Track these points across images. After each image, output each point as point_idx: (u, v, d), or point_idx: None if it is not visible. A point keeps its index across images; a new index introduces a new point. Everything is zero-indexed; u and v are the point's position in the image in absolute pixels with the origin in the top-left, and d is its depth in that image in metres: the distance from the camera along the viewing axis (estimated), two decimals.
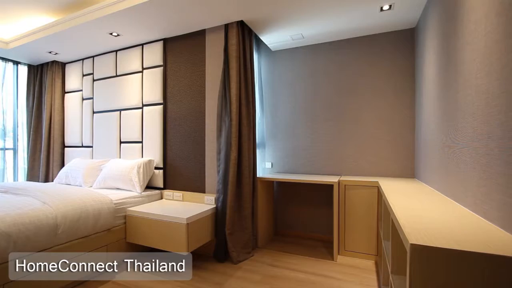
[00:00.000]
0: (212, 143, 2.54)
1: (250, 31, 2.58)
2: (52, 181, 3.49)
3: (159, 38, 2.82)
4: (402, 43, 2.57)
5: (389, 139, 2.62)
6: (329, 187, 2.73)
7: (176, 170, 2.75)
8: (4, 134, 3.62)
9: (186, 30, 2.63)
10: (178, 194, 2.68)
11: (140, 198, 2.56)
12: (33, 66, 3.71)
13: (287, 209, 3.06)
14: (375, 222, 2.36)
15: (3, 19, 2.75)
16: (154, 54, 2.85)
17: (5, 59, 3.50)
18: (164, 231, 2.16)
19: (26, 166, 3.65)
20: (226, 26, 2.45)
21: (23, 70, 3.70)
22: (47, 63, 3.61)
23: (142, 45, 2.95)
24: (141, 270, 2.21)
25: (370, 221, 2.38)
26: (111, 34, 2.72)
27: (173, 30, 2.63)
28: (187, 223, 2.08)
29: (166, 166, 2.81)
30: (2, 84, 3.54)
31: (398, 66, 2.58)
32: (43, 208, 1.90)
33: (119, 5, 2.29)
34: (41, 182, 3.41)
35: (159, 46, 2.83)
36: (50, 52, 3.28)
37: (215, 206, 2.44)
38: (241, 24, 2.44)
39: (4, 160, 3.60)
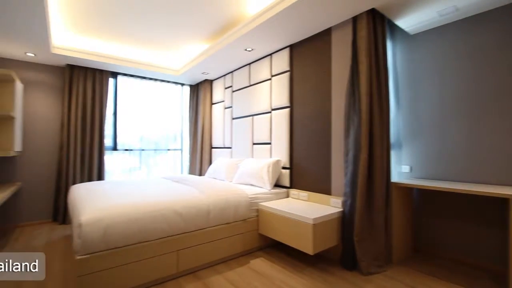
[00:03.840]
0: (339, 144, 2.44)
1: (382, 18, 2.31)
2: (204, 175, 4.37)
3: (285, 45, 3.00)
4: None
5: None
6: (500, 201, 2.04)
7: (301, 170, 2.82)
8: (175, 139, 4.87)
9: (311, 32, 2.67)
10: (303, 194, 2.74)
11: (270, 195, 2.78)
12: (192, 85, 4.80)
13: (433, 223, 2.51)
14: None
15: (174, 53, 3.70)
16: (281, 61, 3.06)
17: (176, 83, 4.70)
18: (291, 229, 2.25)
19: (188, 163, 4.74)
20: (354, 19, 2.30)
21: (186, 90, 4.85)
22: (201, 82, 4.58)
23: (270, 54, 3.23)
24: (271, 261, 2.40)
25: None
26: (245, 50, 3.13)
27: (299, 35, 2.73)
28: (314, 224, 2.08)
29: (292, 166, 2.93)
30: (180, 102, 4.79)
31: None
32: (200, 196, 2.39)
33: (252, 23, 2.60)
34: (197, 175, 4.33)
35: (285, 53, 3.00)
36: (203, 73, 4.14)
37: (342, 209, 2.33)
38: (372, 13, 2.22)
39: (177, 158, 4.85)
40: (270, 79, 3.24)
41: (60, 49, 3.31)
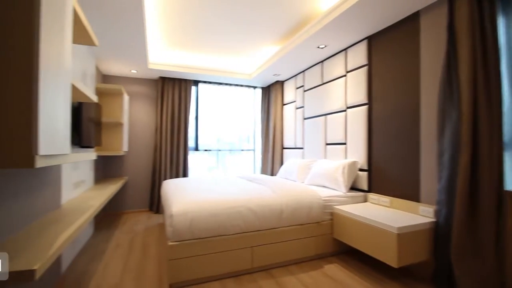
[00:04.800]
0: (430, 144, 2.11)
1: None
2: (275, 175, 4.43)
3: (362, 38, 2.77)
4: None
5: None
6: None
7: (382, 173, 2.55)
8: (248, 140, 5.09)
9: (393, 20, 2.40)
10: (385, 199, 2.48)
11: (345, 198, 2.61)
12: (264, 87, 4.94)
13: None
14: None
15: (247, 58, 3.87)
16: (358, 55, 2.84)
17: (249, 86, 4.92)
18: (371, 236, 2.06)
19: (260, 163, 4.90)
20: None
21: (258, 92, 5.02)
22: (272, 83, 4.67)
23: (345, 49, 3.04)
24: (346, 268, 2.25)
25: None
26: (318, 47, 3.03)
27: (379, 24, 2.49)
28: (398, 233, 1.85)
29: (371, 168, 2.69)
30: (252, 104, 5.02)
31: None
32: (273, 195, 2.42)
33: (325, 19, 2.49)
34: (269, 175, 4.42)
35: (363, 46, 2.78)
36: (274, 75, 4.21)
37: (434, 220, 2.00)
38: None
39: (250, 158, 5.07)
40: (344, 75, 3.05)
41: (154, 65, 3.91)
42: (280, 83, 4.54)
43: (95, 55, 3.29)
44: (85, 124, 2.02)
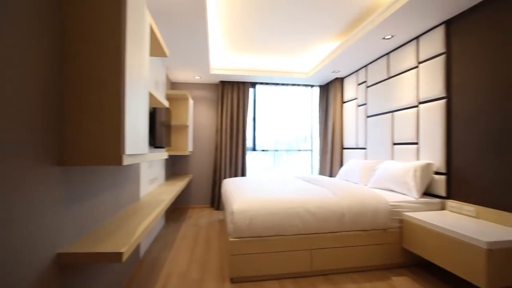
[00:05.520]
0: None
1: None
2: (334, 176, 4.23)
3: (438, 23, 2.44)
4: None
5: None
6: None
7: (466, 178, 2.19)
8: (305, 140, 4.99)
9: None
10: (469, 208, 2.12)
11: (417, 205, 2.33)
12: (322, 86, 4.77)
13: None
14: None
15: (303, 57, 3.79)
16: (433, 43, 2.51)
17: (306, 85, 4.82)
18: (451, 250, 1.79)
19: (318, 164, 4.75)
20: None
21: (315, 91, 4.88)
22: (331, 81, 4.48)
23: (417, 38, 2.72)
24: (419, 283, 2.00)
25: None
26: (383, 38, 2.78)
27: (461, 4, 2.15)
28: (490, 249, 1.56)
29: (450, 172, 2.34)
30: (310, 103, 4.93)
31: None
32: (334, 198, 2.32)
33: (392, 7, 2.27)
34: (327, 176, 4.25)
35: (439, 32, 2.44)
36: (333, 72, 4.03)
37: None
38: None
39: (307, 159, 4.97)
40: (416, 67, 2.73)
41: (216, 70, 4.15)
42: (340, 80, 4.32)
43: (165, 64, 3.67)
44: (158, 127, 2.26)
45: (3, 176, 0.80)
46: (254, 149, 4.75)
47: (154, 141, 2.17)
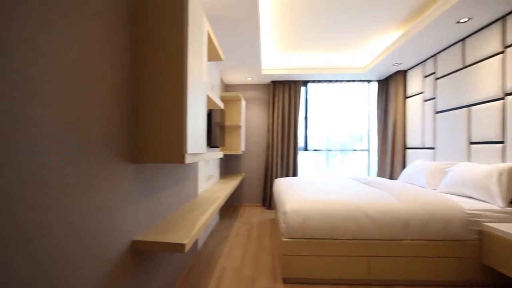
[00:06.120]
0: None
1: None
2: (396, 179, 3.87)
3: None
4: None
5: None
6: None
7: None
8: (361, 139, 4.68)
9: None
10: None
11: (503, 214, 1.98)
12: (380, 80, 4.41)
13: None
14: None
15: (358, 51, 3.55)
16: None
17: (362, 81, 4.51)
18: None
19: (376, 165, 4.41)
20: None
21: (373, 86, 4.53)
22: (391, 74, 4.11)
23: (503, 17, 2.30)
24: None
25: None
26: (458, 22, 2.43)
27: None
28: None
29: None
30: (366, 99, 4.63)
31: None
32: (396, 202, 2.12)
33: None
34: (387, 178, 3.92)
35: None
36: (394, 64, 3.69)
37: None
38: None
39: (364, 159, 4.66)
40: (502, 52, 2.31)
41: (267, 70, 4.19)
42: (402, 73, 3.93)
43: (219, 68, 3.86)
44: (214, 128, 2.39)
45: (96, 171, 0.94)
46: (305, 148, 4.66)
47: (210, 141, 2.30)
